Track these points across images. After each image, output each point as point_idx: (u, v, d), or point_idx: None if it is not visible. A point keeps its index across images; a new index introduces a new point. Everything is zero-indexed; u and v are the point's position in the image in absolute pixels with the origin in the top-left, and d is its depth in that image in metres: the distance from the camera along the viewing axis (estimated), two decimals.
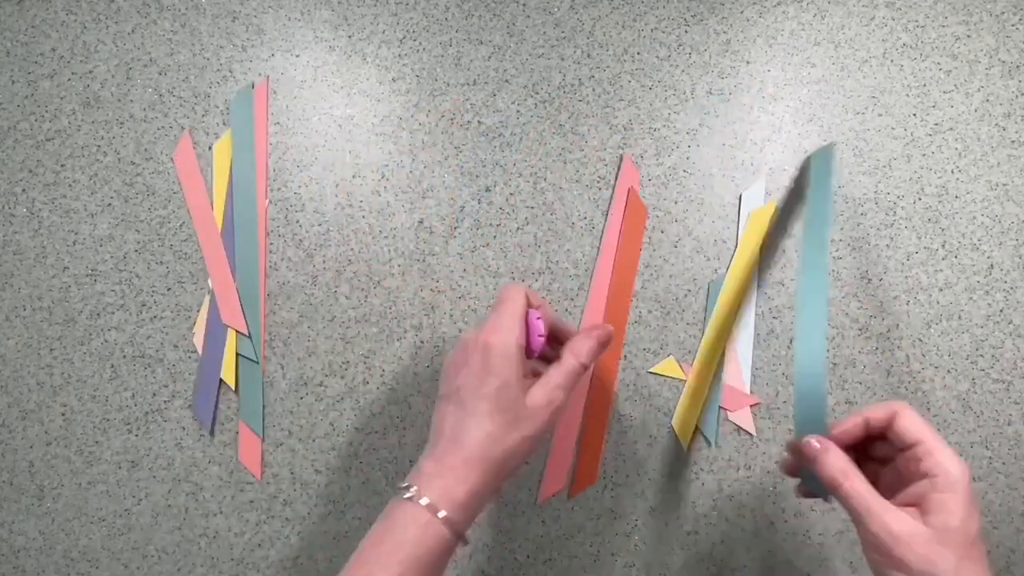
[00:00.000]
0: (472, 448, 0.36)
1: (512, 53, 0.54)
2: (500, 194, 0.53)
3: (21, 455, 0.53)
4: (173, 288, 0.53)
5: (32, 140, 0.54)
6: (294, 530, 0.52)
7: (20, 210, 0.54)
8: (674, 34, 0.54)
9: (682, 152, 0.53)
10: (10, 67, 0.55)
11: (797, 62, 0.53)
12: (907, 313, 0.52)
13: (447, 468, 0.36)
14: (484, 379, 0.37)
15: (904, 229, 0.52)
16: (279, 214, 0.53)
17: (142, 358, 0.53)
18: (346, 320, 0.53)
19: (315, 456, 0.52)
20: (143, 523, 0.52)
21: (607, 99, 0.54)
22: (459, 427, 0.37)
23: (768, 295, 0.52)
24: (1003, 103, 0.52)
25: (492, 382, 0.37)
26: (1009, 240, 0.52)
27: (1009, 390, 0.51)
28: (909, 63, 0.53)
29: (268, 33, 0.55)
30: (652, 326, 0.52)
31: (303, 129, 0.54)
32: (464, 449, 0.36)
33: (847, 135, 0.53)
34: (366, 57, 0.54)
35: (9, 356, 0.53)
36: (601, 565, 0.51)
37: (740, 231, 0.52)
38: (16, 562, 0.53)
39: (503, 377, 0.37)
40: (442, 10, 0.55)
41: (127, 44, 0.55)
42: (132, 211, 0.54)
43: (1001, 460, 0.51)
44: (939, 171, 0.52)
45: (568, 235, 0.53)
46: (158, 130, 0.54)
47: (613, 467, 0.52)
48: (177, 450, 0.53)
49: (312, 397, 0.53)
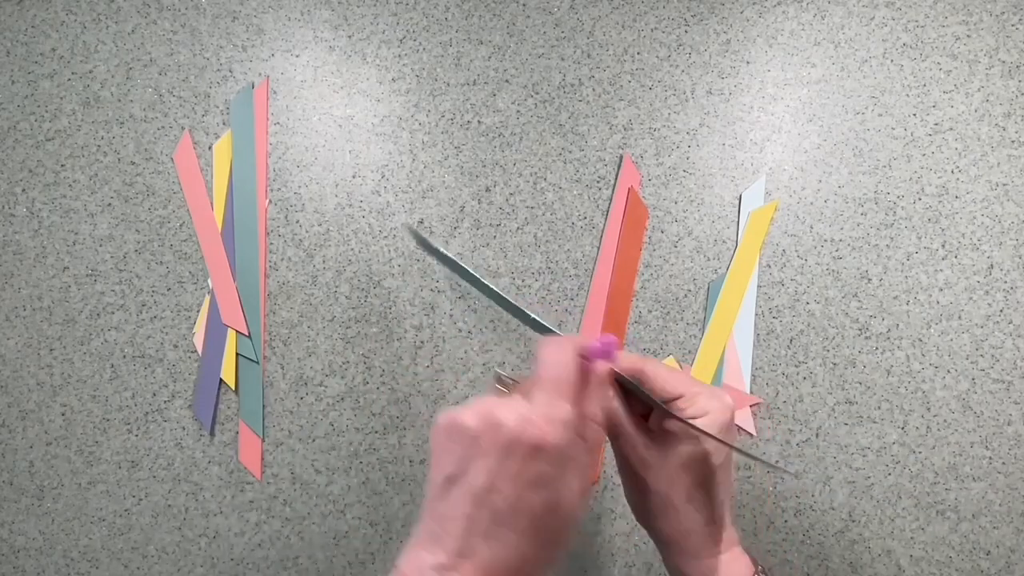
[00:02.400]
0: (495, 572, 0.29)
1: (512, 53, 0.54)
2: (500, 194, 0.53)
3: (21, 455, 0.53)
4: (173, 288, 0.53)
5: (32, 140, 0.54)
6: (294, 530, 0.52)
7: (20, 210, 0.54)
8: (674, 34, 0.54)
9: (682, 152, 0.53)
10: (10, 67, 0.55)
11: (797, 62, 0.53)
12: (907, 313, 0.52)
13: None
14: (530, 488, 0.29)
15: (904, 229, 0.52)
16: (279, 214, 0.53)
17: (142, 358, 0.53)
18: (346, 320, 0.53)
19: (315, 456, 0.52)
20: (143, 523, 0.52)
21: (607, 99, 0.54)
22: (484, 542, 0.29)
23: (768, 295, 0.52)
24: (1003, 103, 0.52)
25: (540, 495, 0.29)
26: (1009, 240, 0.52)
27: (1009, 390, 0.51)
28: (909, 63, 0.53)
29: (268, 33, 0.55)
30: (652, 326, 0.52)
31: (303, 129, 0.54)
32: (484, 572, 0.29)
33: (847, 135, 0.53)
34: (366, 57, 0.54)
35: (9, 356, 0.53)
36: (601, 565, 0.51)
37: (740, 231, 0.52)
38: (16, 562, 0.53)
39: (554, 489, 0.29)
40: (442, 10, 0.55)
41: (127, 44, 0.55)
42: (132, 211, 0.54)
43: (1001, 460, 0.51)
44: (939, 171, 0.52)
45: (568, 235, 0.53)
46: (158, 130, 0.54)
47: (613, 467, 0.52)
48: (177, 450, 0.53)
49: (312, 397, 0.53)
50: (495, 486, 0.29)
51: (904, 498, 0.51)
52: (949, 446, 0.51)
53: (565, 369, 0.31)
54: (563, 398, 0.30)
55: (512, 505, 0.29)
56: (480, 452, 0.29)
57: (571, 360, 0.32)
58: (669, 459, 0.34)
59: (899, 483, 0.51)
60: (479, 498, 0.29)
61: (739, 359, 0.52)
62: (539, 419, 0.29)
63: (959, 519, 0.51)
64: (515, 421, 0.29)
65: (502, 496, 0.29)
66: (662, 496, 0.35)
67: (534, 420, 0.29)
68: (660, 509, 0.35)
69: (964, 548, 0.51)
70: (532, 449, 0.29)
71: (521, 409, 0.30)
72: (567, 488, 0.30)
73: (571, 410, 0.30)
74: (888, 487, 0.51)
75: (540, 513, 0.29)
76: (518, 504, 0.29)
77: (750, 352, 0.52)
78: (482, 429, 0.29)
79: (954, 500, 0.51)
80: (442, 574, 0.29)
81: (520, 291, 0.53)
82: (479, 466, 0.29)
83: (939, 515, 0.51)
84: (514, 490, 0.29)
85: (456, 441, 0.30)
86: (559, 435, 0.29)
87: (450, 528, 0.29)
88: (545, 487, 0.29)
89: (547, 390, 0.31)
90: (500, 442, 0.29)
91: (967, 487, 0.51)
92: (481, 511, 0.29)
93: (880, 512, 0.51)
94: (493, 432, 0.29)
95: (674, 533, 0.35)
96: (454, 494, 0.30)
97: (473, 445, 0.29)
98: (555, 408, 0.30)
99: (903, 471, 0.51)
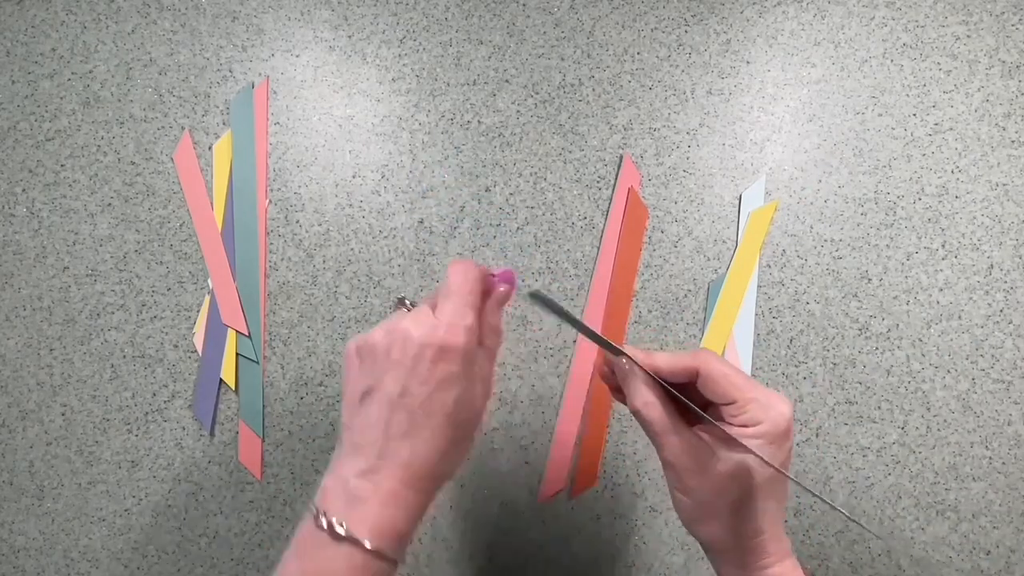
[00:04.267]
0: (418, 468, 0.31)
1: (512, 53, 0.54)
2: (500, 194, 0.53)
3: (21, 455, 0.53)
4: (173, 288, 0.53)
5: (32, 140, 0.54)
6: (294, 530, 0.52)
7: (20, 210, 0.54)
8: (674, 34, 0.54)
9: (682, 152, 0.53)
10: (10, 67, 0.55)
11: (797, 62, 0.53)
12: (907, 313, 0.52)
13: (385, 493, 0.31)
14: (441, 388, 0.32)
15: (904, 229, 0.52)
16: (279, 214, 0.53)
17: (142, 358, 0.53)
18: (346, 320, 0.53)
19: (315, 456, 0.52)
20: (143, 523, 0.52)
21: (607, 99, 0.54)
22: (402, 441, 0.31)
23: (768, 295, 0.52)
24: (1003, 103, 0.52)
25: (450, 393, 0.32)
26: (1009, 240, 0.52)
27: (1009, 390, 0.51)
28: (909, 63, 0.53)
29: (268, 33, 0.55)
30: (652, 326, 0.52)
31: (303, 129, 0.54)
32: (407, 469, 0.31)
33: (847, 135, 0.53)
34: (366, 57, 0.54)
35: (9, 356, 0.53)
36: (601, 565, 0.51)
37: (740, 231, 0.52)
38: (16, 562, 0.53)
39: (462, 387, 0.32)
40: (442, 10, 0.55)
41: (127, 44, 0.55)
42: (132, 211, 0.54)
43: (1001, 460, 0.51)
44: (939, 171, 0.52)
45: (568, 235, 0.53)
46: (158, 130, 0.54)
47: (613, 467, 0.52)
48: (177, 450, 0.53)
49: (312, 397, 0.53)
50: (408, 389, 0.31)
51: (904, 498, 0.51)
52: (949, 446, 0.51)
53: (470, 282, 0.34)
54: (468, 307, 0.33)
55: (424, 404, 0.31)
56: (392, 363, 0.32)
57: (476, 275, 0.35)
58: (717, 466, 0.33)
59: (899, 483, 0.51)
60: (394, 403, 0.31)
61: (739, 359, 0.52)
62: (444, 324, 0.32)
63: (959, 519, 0.51)
64: (423, 329, 0.32)
65: (415, 398, 0.31)
66: (709, 504, 0.33)
67: (441, 325, 0.32)
68: (707, 516, 0.34)
69: (964, 548, 0.51)
70: (440, 351, 0.32)
71: (424, 319, 0.33)
72: (473, 388, 0.33)
73: (474, 317, 0.33)
74: (888, 487, 0.51)
75: (451, 410, 0.32)
76: (430, 403, 0.32)
77: (750, 352, 0.52)
78: (391, 341, 0.32)
79: (954, 500, 0.51)
80: (365, 477, 0.31)
81: (520, 291, 0.53)
82: (392, 375, 0.32)
83: (939, 515, 0.51)
84: (426, 390, 0.31)
85: (367, 358, 0.33)
86: (464, 339, 0.32)
87: (369, 436, 0.32)
88: (454, 386, 0.32)
89: (453, 300, 0.33)
90: (410, 350, 0.32)
91: (967, 487, 0.51)
92: (397, 414, 0.31)
93: (880, 512, 0.51)
94: (402, 342, 0.32)
95: (720, 542, 0.34)
96: (370, 405, 0.32)
97: (384, 358, 0.32)
98: (460, 315, 0.33)
99: (903, 471, 0.51)
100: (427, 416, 0.32)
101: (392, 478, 0.31)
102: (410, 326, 0.32)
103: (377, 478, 0.31)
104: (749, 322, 0.52)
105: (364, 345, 0.33)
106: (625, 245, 0.52)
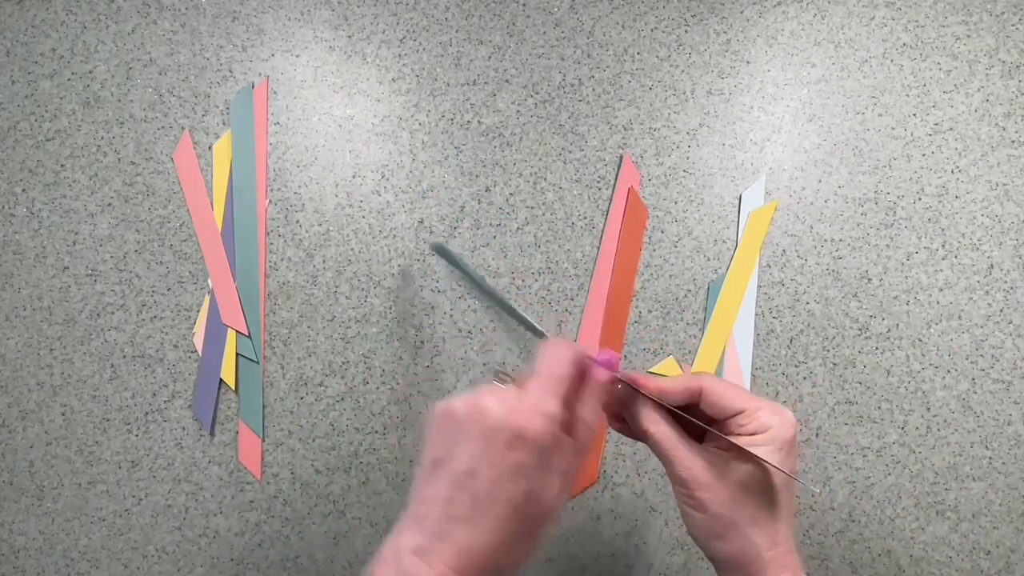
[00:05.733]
0: (475, 556, 0.29)
1: (512, 53, 0.54)
2: (500, 194, 0.53)
3: (21, 455, 0.53)
4: (173, 288, 0.53)
5: (32, 140, 0.54)
6: (294, 530, 0.52)
7: (20, 210, 0.54)
8: (674, 34, 0.54)
9: (682, 152, 0.53)
10: (10, 67, 0.55)
11: (797, 62, 0.53)
12: (907, 313, 0.52)
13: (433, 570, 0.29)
14: (510, 477, 0.29)
15: (904, 229, 0.52)
16: (279, 214, 0.53)
17: (142, 358, 0.53)
18: (346, 320, 0.53)
19: (315, 456, 0.52)
20: (143, 523, 0.52)
21: (607, 99, 0.54)
22: (462, 525, 0.29)
23: (768, 295, 0.52)
24: (1003, 103, 0.52)
25: (520, 485, 0.29)
26: (1009, 240, 0.52)
27: (1009, 390, 0.51)
28: (909, 63, 0.53)
29: (268, 33, 0.55)
30: (652, 326, 0.52)
31: (303, 129, 0.54)
32: (462, 556, 0.29)
33: (847, 135, 0.53)
34: (366, 57, 0.54)
35: (9, 356, 0.53)
36: (601, 565, 0.51)
37: (740, 231, 0.52)
38: (16, 562, 0.53)
39: (534, 480, 0.30)
40: (442, 10, 0.55)
41: (127, 44, 0.55)
42: (132, 211, 0.54)
43: (1001, 460, 0.51)
44: (939, 171, 0.52)
45: (568, 235, 0.53)
46: (158, 130, 0.54)
47: (613, 467, 0.52)
48: (177, 450, 0.53)
49: (312, 397, 0.53)
50: (476, 470, 0.29)
51: (904, 498, 0.51)
52: (949, 446, 0.51)
53: (560, 366, 0.32)
54: (553, 394, 0.31)
55: (491, 491, 0.29)
56: (465, 437, 0.30)
57: (568, 359, 0.32)
58: (729, 479, 0.33)
59: (899, 483, 0.51)
60: (460, 481, 0.30)
61: (739, 359, 0.52)
62: (524, 409, 0.30)
63: (959, 519, 0.51)
64: (500, 409, 0.30)
65: (482, 481, 0.29)
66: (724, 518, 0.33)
67: (519, 409, 0.30)
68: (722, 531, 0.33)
69: (964, 548, 0.51)
70: (514, 437, 0.29)
71: (508, 398, 0.31)
72: (547, 483, 0.30)
73: (558, 405, 0.31)
74: (888, 487, 0.51)
75: (518, 503, 0.30)
76: (497, 491, 0.29)
77: (750, 352, 0.52)
78: (469, 415, 0.30)
79: (954, 500, 0.51)
80: (419, 555, 0.29)
81: (520, 291, 0.53)
82: (462, 450, 0.30)
83: (939, 515, 0.51)
84: (494, 476, 0.29)
85: (445, 427, 0.31)
86: (541, 426, 0.30)
87: (431, 510, 0.30)
88: (524, 478, 0.30)
89: (539, 384, 0.31)
90: (484, 428, 0.30)
91: (967, 487, 0.51)
92: (461, 494, 0.30)
93: (880, 512, 0.51)
94: (479, 418, 0.30)
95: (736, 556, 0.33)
96: (438, 477, 0.30)
97: (459, 430, 0.30)
98: (543, 401, 0.31)
99: (903, 471, 0.51)
100: (491, 503, 0.29)
101: (445, 563, 0.29)
102: (491, 404, 0.30)
103: (431, 559, 0.29)
104: (749, 322, 0.52)
105: (447, 411, 0.31)
106: (625, 245, 0.52)
